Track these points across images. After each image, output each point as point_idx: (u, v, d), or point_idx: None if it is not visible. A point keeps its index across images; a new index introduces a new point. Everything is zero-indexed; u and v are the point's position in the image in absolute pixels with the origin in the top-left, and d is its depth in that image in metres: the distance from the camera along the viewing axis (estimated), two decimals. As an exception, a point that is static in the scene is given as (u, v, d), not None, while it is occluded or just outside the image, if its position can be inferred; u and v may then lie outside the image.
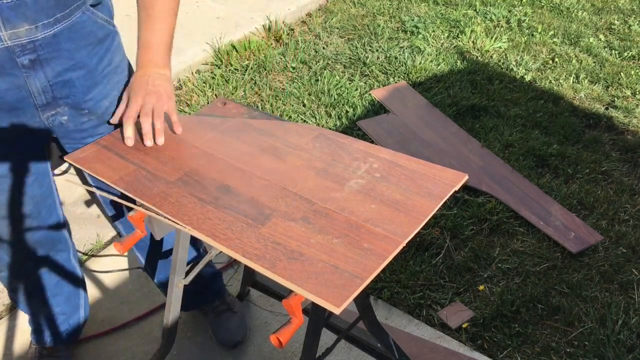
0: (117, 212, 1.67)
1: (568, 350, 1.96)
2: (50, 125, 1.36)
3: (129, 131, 1.32)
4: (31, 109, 1.31)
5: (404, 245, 1.07)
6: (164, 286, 1.78)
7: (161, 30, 1.35)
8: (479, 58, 3.66)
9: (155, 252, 1.70)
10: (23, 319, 2.02)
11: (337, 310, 0.94)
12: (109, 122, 1.40)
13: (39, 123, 1.34)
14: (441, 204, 1.18)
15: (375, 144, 2.20)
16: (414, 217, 1.12)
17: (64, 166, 1.28)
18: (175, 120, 1.36)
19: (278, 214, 1.12)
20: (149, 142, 1.32)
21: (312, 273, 0.99)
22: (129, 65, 1.50)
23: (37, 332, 1.81)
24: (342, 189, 1.17)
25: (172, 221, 1.12)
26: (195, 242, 1.69)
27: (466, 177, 1.26)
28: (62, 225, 1.62)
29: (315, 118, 3.04)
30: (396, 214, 1.13)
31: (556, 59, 3.68)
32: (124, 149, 1.33)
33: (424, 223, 1.12)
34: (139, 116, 1.32)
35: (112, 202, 1.65)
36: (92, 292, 2.13)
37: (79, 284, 1.81)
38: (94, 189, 1.43)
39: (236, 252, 1.04)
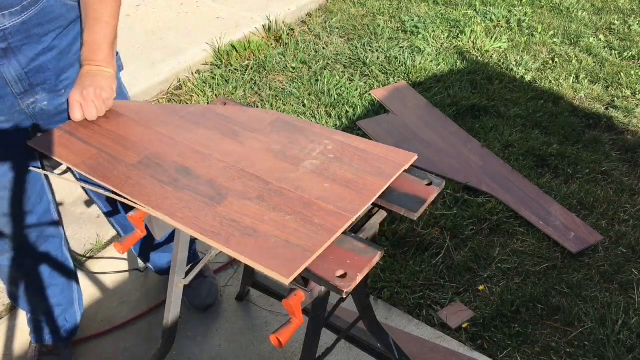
0: (113, 209, 1.68)
1: (568, 350, 1.96)
2: (32, 113, 1.41)
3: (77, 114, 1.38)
4: (10, 99, 1.35)
5: (354, 220, 1.12)
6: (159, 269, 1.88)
7: (102, 30, 1.39)
8: (479, 58, 3.66)
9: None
10: (23, 319, 2.02)
11: (286, 281, 0.98)
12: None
13: (20, 112, 1.39)
14: (391, 181, 1.23)
15: (375, 144, 2.20)
16: (365, 194, 1.18)
17: (64, 166, 1.28)
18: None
19: (234, 194, 1.17)
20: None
21: (265, 247, 1.04)
22: None
23: (36, 330, 1.82)
24: (297, 170, 1.22)
25: (132, 202, 1.16)
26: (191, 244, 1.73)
27: (415, 157, 1.31)
28: (52, 212, 1.64)
29: (316, 118, 3.04)
30: (347, 192, 1.18)
31: (556, 59, 3.68)
32: (86, 134, 1.36)
33: (373, 199, 1.18)
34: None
35: (108, 200, 1.66)
36: (92, 292, 2.13)
37: (72, 276, 1.82)
38: (81, 184, 1.44)
39: (193, 229, 1.09)
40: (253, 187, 1.19)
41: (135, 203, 1.15)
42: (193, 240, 1.93)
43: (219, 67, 3.45)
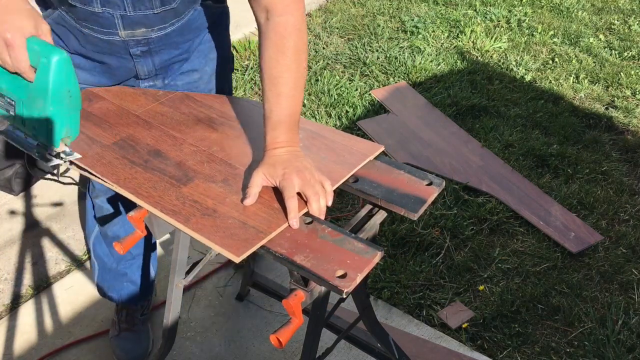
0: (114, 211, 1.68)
1: (568, 350, 1.96)
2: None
3: (296, 222, 1.12)
4: (133, 80, 1.46)
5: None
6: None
7: (289, 107, 1.21)
8: (479, 58, 3.66)
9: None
10: (23, 319, 2.02)
11: (236, 259, 1.02)
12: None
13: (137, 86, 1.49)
14: (355, 170, 1.25)
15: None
16: None
17: (63, 167, 1.28)
18: (330, 192, 1.18)
19: (201, 177, 1.21)
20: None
21: (222, 227, 1.08)
22: (227, 41, 1.58)
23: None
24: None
25: (101, 179, 1.19)
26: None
27: (382, 148, 1.32)
28: None
29: (315, 118, 3.04)
30: None
31: (556, 59, 3.68)
32: None
33: (335, 187, 1.20)
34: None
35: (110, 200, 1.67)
36: (92, 292, 2.13)
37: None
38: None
39: (155, 207, 1.12)
40: (220, 170, 1.23)
41: (104, 181, 1.18)
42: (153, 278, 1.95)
43: (219, 67, 3.45)
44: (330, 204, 1.16)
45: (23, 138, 1.10)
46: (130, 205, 1.41)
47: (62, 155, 1.11)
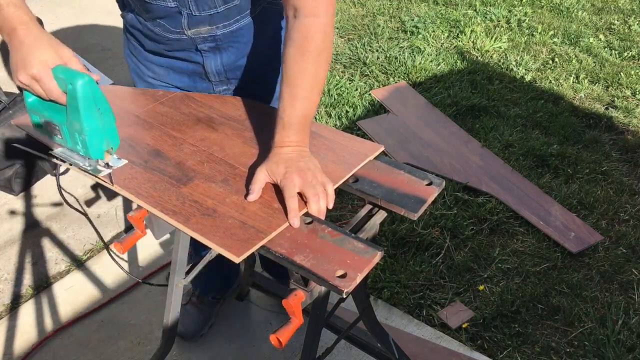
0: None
1: (568, 350, 1.96)
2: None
3: (296, 221, 1.11)
4: (206, 82, 1.48)
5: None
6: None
7: (303, 109, 1.20)
8: (479, 58, 3.66)
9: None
10: (23, 319, 2.02)
11: (236, 260, 1.02)
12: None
13: (212, 92, 1.50)
14: (355, 170, 1.25)
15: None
16: None
17: (63, 167, 1.28)
18: (331, 195, 1.17)
19: (201, 176, 1.21)
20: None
21: (221, 228, 1.08)
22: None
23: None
24: (265, 156, 1.23)
25: (101, 180, 1.18)
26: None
27: (382, 148, 1.31)
28: None
29: (316, 118, 3.04)
30: None
31: (556, 59, 3.68)
32: None
33: (335, 187, 1.19)
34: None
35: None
36: (92, 292, 2.13)
37: None
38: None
39: (155, 207, 1.12)
40: (220, 170, 1.23)
41: (103, 181, 1.18)
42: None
43: (219, 67, 3.45)
44: (330, 206, 1.15)
45: (75, 157, 1.17)
46: None
47: (110, 164, 1.16)
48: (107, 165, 1.17)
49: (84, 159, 1.16)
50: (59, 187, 1.27)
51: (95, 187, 2.56)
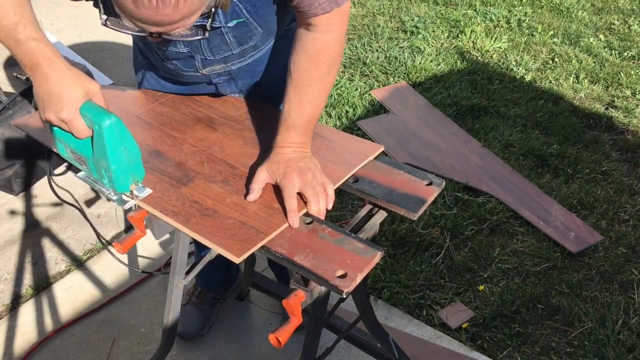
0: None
1: (568, 350, 1.96)
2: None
3: (296, 221, 1.12)
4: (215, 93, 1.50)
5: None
6: None
7: (309, 113, 1.20)
8: (479, 58, 3.66)
9: None
10: (23, 319, 2.02)
11: (236, 260, 1.02)
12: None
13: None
14: (355, 170, 1.25)
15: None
16: None
17: (62, 167, 1.28)
18: (331, 195, 1.18)
19: (201, 177, 1.21)
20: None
21: (221, 228, 1.08)
22: None
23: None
24: (266, 156, 1.23)
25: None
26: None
27: (382, 148, 1.31)
28: None
29: (315, 118, 3.05)
30: None
31: (556, 59, 3.68)
32: None
33: (335, 187, 1.19)
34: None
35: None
36: (92, 292, 2.13)
37: None
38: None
39: (155, 208, 1.13)
40: (220, 171, 1.23)
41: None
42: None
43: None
44: (330, 207, 1.15)
45: (99, 184, 1.16)
46: None
47: (135, 194, 1.15)
48: (132, 196, 1.15)
49: (111, 192, 1.15)
50: (51, 186, 1.28)
51: (95, 187, 2.56)
